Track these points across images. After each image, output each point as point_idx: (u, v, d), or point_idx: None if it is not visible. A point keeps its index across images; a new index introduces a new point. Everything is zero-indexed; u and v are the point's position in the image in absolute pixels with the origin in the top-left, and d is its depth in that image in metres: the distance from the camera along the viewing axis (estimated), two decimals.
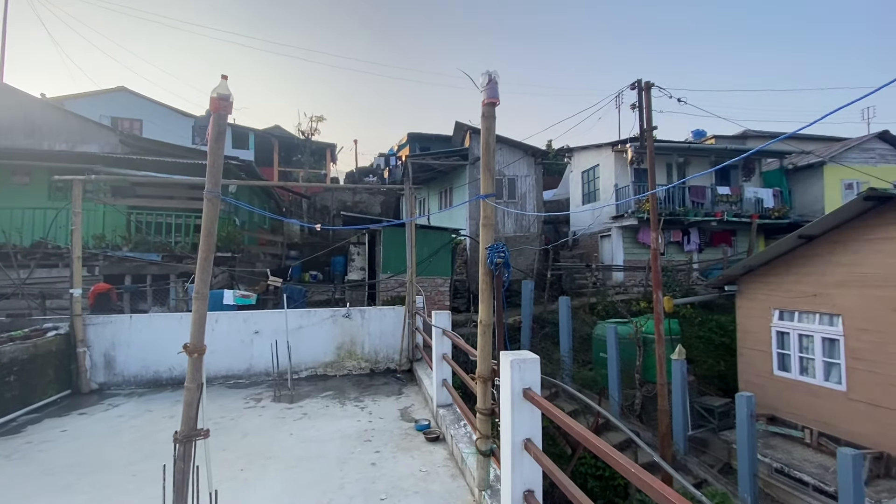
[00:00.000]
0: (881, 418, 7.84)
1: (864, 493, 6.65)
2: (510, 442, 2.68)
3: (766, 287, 10.05)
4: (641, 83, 8.12)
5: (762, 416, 9.64)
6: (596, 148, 19.01)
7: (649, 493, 1.55)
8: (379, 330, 8.12)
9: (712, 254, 17.49)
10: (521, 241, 17.16)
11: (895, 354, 7.68)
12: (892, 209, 7.80)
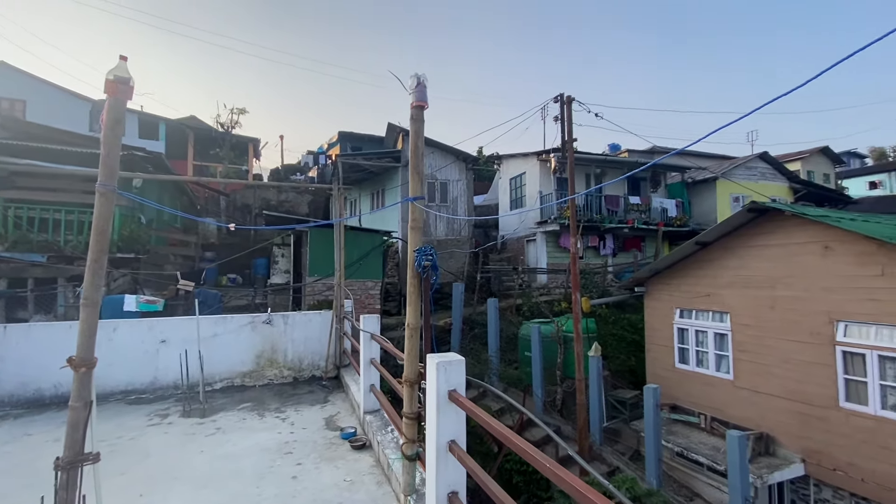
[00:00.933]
0: (761, 403, 9.01)
1: (749, 470, 7.60)
2: (435, 444, 2.68)
3: (669, 288, 11.13)
4: (563, 97, 8.66)
5: (666, 406, 10.64)
6: (523, 156, 19.86)
7: (560, 485, 1.62)
8: (304, 336, 7.77)
9: (625, 258, 19.02)
10: (452, 244, 17.41)
11: (772, 347, 8.87)
12: (769, 220, 9.02)
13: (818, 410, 8.01)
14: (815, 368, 8.07)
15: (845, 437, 7.62)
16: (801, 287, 8.33)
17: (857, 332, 7.58)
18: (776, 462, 8.41)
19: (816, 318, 8.08)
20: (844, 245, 7.76)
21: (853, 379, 7.61)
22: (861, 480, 7.42)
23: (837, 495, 7.91)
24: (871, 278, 7.35)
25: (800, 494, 8.53)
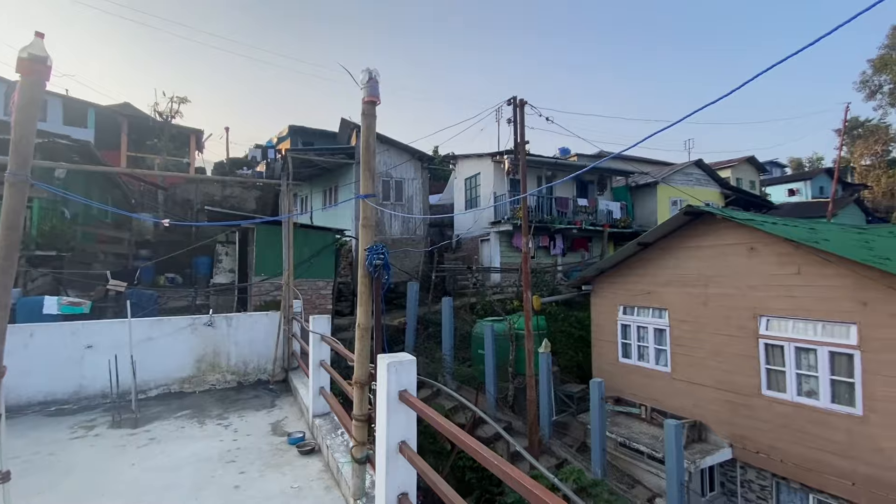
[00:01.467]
0: (695, 393, 9.67)
1: (684, 456, 8.12)
2: (385, 446, 2.64)
3: (613, 286, 11.68)
4: (516, 100, 8.87)
5: (610, 398, 11.16)
6: (478, 157, 20.11)
7: (506, 481, 1.64)
8: (249, 338, 7.42)
9: (573, 257, 19.76)
10: (407, 243, 17.31)
11: (705, 340, 9.54)
12: (702, 223, 9.68)
13: (744, 398, 8.71)
14: (742, 360, 8.77)
15: (767, 422, 8.35)
16: (730, 285, 9.02)
17: (776, 326, 8.31)
18: (708, 447, 9.06)
19: (743, 313, 8.79)
20: (767, 246, 8.49)
21: (774, 369, 8.34)
22: (780, 461, 8.15)
23: (760, 476, 8.65)
24: (789, 276, 8.09)
25: (728, 476, 9.24)
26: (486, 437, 10.34)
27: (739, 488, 8.98)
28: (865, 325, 7.08)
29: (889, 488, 6.77)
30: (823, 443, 7.54)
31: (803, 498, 8.04)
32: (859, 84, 26.44)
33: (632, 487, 9.39)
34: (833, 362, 7.51)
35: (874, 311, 6.98)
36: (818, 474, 7.61)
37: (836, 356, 7.47)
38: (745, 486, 8.90)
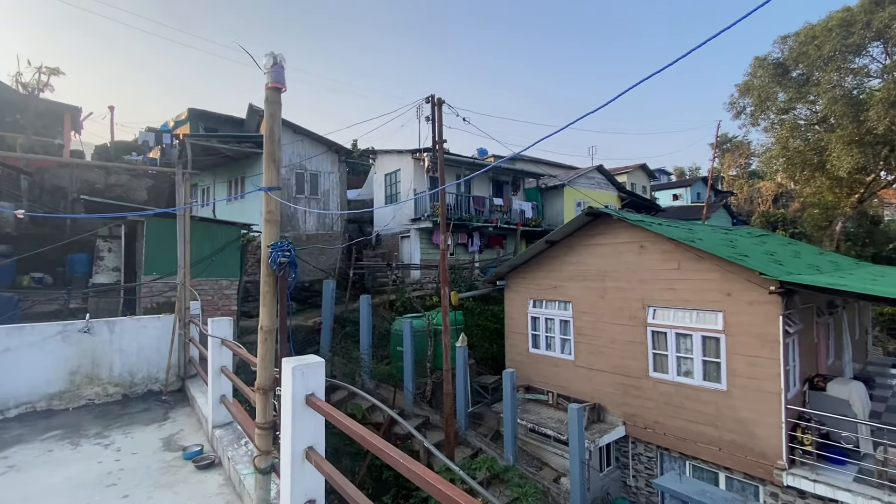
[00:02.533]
0: (594, 378, 10.58)
1: (585, 437, 8.85)
2: (290, 453, 2.52)
3: (524, 281, 12.34)
4: (434, 99, 8.95)
5: (521, 387, 11.80)
6: (398, 153, 19.98)
7: (411, 478, 1.65)
8: (137, 345, 6.62)
9: (490, 254, 20.52)
10: (323, 239, 16.65)
11: (603, 330, 10.47)
12: (601, 223, 10.59)
13: (634, 381, 9.72)
14: (633, 346, 9.78)
15: (653, 400, 9.41)
16: (624, 279, 10.00)
17: (661, 315, 9.39)
18: (605, 427, 9.97)
19: (634, 304, 9.79)
20: (654, 245, 9.54)
21: (659, 353, 9.42)
22: (663, 434, 9.24)
23: (648, 448, 9.73)
24: (671, 271, 9.17)
25: (622, 451, 10.26)
26: (404, 434, 10.36)
27: (631, 461, 10.03)
28: (729, 312, 8.29)
29: (746, 451, 8.02)
30: (696, 415, 8.69)
31: (681, 465, 9.20)
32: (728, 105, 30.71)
33: (540, 469, 10.03)
34: (704, 345, 8.68)
35: (735, 301, 8.19)
36: (693, 443, 8.76)
37: (706, 340, 8.64)
38: (635, 459, 9.96)
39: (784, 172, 30.61)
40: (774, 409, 7.62)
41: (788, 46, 26.88)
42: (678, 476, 7.69)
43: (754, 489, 8.16)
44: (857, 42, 23.89)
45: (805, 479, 7.28)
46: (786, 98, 27.55)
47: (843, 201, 26.79)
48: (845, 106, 24.23)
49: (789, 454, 7.52)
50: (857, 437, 7.69)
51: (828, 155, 25.21)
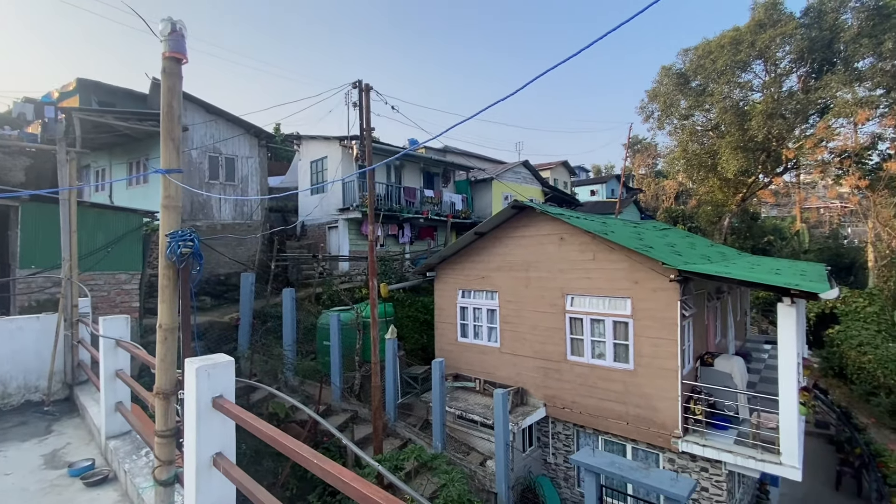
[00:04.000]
0: (518, 363, 11.05)
1: (509, 419, 9.24)
2: (195, 461, 2.31)
3: (454, 272, 12.52)
4: (362, 84, 8.65)
5: (450, 376, 12.00)
6: (324, 139, 19.16)
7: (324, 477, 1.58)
8: (10, 350, 5.71)
9: (420, 245, 20.54)
10: (241, 229, 15.55)
11: (526, 317, 10.95)
12: (526, 216, 11.02)
13: (554, 364, 10.32)
14: (553, 332, 10.35)
15: (570, 382, 10.06)
16: (545, 269, 10.52)
17: (578, 303, 10.03)
18: (528, 409, 10.49)
19: (554, 292, 10.35)
20: (573, 237, 10.13)
21: (576, 338, 10.07)
22: (579, 413, 9.93)
23: (566, 427, 10.40)
24: (587, 262, 9.81)
25: (543, 431, 10.87)
26: None
27: (551, 440, 10.67)
28: (636, 298, 9.06)
29: (649, 423, 8.87)
30: (608, 394, 9.44)
31: (595, 440, 9.97)
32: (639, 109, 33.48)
33: (467, 454, 10.32)
34: (615, 329, 9.42)
35: (641, 288, 8.98)
36: (604, 419, 9.51)
37: (617, 324, 9.39)
38: (555, 438, 10.61)
39: (684, 173, 34.11)
40: (673, 385, 8.52)
41: (689, 59, 29.83)
42: (592, 451, 8.32)
43: (655, 457, 9.08)
44: (743, 59, 27.12)
45: (696, 444, 8.24)
46: (686, 105, 30.61)
47: (730, 200, 30.47)
48: (733, 115, 27.48)
49: (684, 424, 8.46)
50: (737, 405, 8.85)
51: (719, 158, 28.48)
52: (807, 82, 26.74)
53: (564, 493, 10.38)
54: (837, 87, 24.35)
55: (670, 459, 8.83)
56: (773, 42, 25.82)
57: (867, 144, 25.48)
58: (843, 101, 24.31)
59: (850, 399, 18.49)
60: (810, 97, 25.75)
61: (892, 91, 23.38)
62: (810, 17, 25.77)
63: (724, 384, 9.02)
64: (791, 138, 27.12)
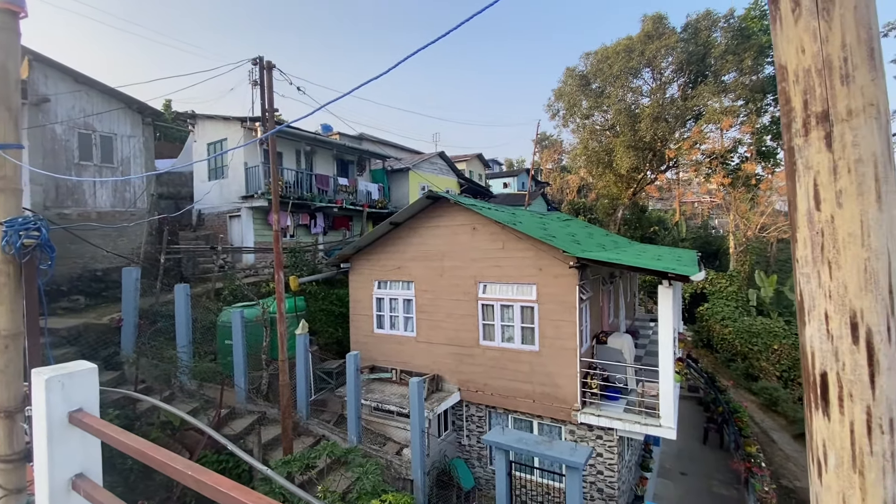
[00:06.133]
0: (433, 351, 11.24)
1: (424, 406, 9.36)
2: (48, 487, 1.98)
3: (369, 263, 12.30)
4: (263, 61, 7.98)
5: (366, 368, 11.84)
6: (224, 120, 17.55)
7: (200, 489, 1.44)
8: None
9: (335, 236, 19.85)
10: (123, 218, 13.70)
11: (441, 306, 11.13)
12: (440, 206, 11.15)
13: (467, 350, 10.66)
14: (467, 319, 10.67)
15: (482, 366, 10.47)
16: (459, 258, 10.78)
17: (490, 290, 10.44)
18: (443, 395, 10.73)
19: (468, 281, 10.66)
20: (484, 227, 10.47)
21: (487, 323, 10.48)
22: (491, 395, 10.39)
23: (479, 409, 10.83)
24: (497, 250, 10.23)
25: (457, 415, 11.21)
26: (234, 434, 9.44)
27: (465, 423, 11.05)
28: (541, 284, 9.67)
29: (553, 399, 9.57)
30: (516, 374, 10.00)
31: (505, 419, 10.53)
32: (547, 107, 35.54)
33: (384, 445, 10.30)
34: (523, 314, 9.98)
35: (545, 274, 9.59)
36: (513, 399, 10.08)
37: (524, 309, 9.94)
38: (468, 420, 11.01)
39: (585, 168, 37.01)
40: (572, 362, 9.27)
41: (590, 62, 32.24)
42: (502, 429, 8.78)
43: (558, 430, 9.85)
44: (635, 66, 29.99)
45: (592, 415, 9.09)
46: (587, 106, 33.13)
47: (623, 194, 33.74)
48: (626, 117, 30.35)
49: (582, 397, 9.27)
50: (626, 378, 9.91)
51: (614, 156, 31.34)
52: (685, 91, 30.39)
53: (478, 472, 10.85)
54: (708, 97, 28.03)
55: (571, 431, 9.64)
56: (658, 53, 28.91)
57: (730, 148, 29.76)
58: (713, 110, 28.06)
59: (715, 365, 21.73)
60: (687, 104, 29.33)
61: (749, 102, 27.50)
62: (688, 32, 29.23)
63: (615, 360, 10.02)
64: (672, 140, 30.71)
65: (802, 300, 1.05)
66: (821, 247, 1.00)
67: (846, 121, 0.96)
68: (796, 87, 1.03)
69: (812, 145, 1.00)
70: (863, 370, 0.94)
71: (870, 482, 0.93)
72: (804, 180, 1.02)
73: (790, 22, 1.02)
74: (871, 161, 0.94)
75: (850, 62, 0.95)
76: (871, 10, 0.95)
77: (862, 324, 0.94)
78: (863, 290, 0.94)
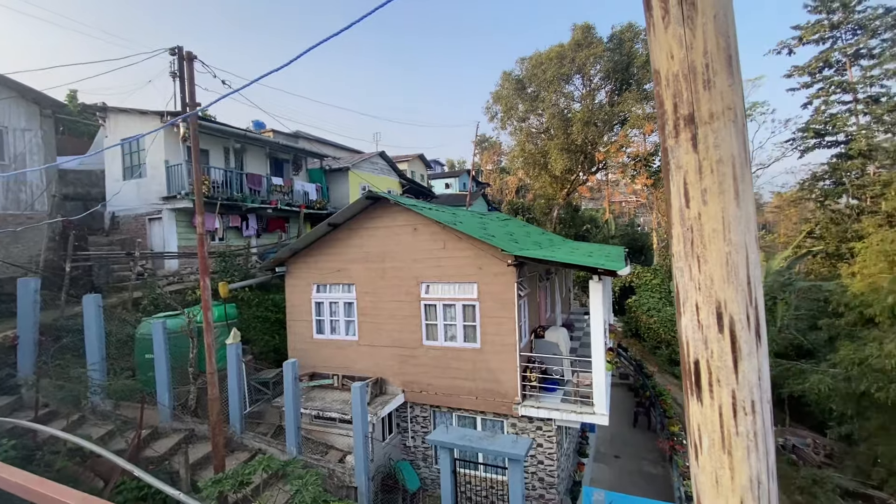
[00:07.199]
0: (376, 354, 11.05)
1: (367, 411, 9.17)
2: None
3: (307, 266, 11.84)
4: (182, 52, 7.35)
5: (305, 375, 11.40)
6: (141, 114, 16.10)
7: None
8: None
9: (270, 238, 18.92)
10: (17, 221, 12.11)
11: (383, 308, 10.98)
12: (380, 207, 10.99)
13: (411, 351, 10.61)
14: (410, 320, 10.61)
15: (426, 366, 10.47)
16: (401, 259, 10.69)
17: (432, 290, 10.45)
18: (387, 398, 10.59)
19: (410, 281, 10.60)
20: (426, 227, 10.47)
21: (430, 323, 10.49)
22: (435, 394, 10.41)
23: (423, 409, 10.81)
24: (438, 251, 10.27)
25: (402, 417, 11.11)
26: (158, 457, 8.68)
27: (410, 424, 10.98)
28: (482, 283, 9.84)
29: (495, 394, 9.77)
30: (459, 372, 10.10)
31: (449, 418, 10.59)
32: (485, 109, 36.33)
33: (325, 454, 9.97)
34: (465, 312, 10.10)
35: (485, 273, 9.78)
36: (457, 397, 10.17)
37: (466, 308, 10.07)
38: (413, 422, 10.95)
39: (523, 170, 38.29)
40: (512, 357, 9.53)
41: (525, 67, 33.39)
42: (446, 428, 8.81)
43: (501, 424, 10.08)
44: (566, 72, 31.48)
45: (532, 407, 9.40)
46: (524, 109, 34.29)
47: (558, 194, 35.31)
48: (560, 121, 31.80)
49: (522, 391, 9.55)
50: (563, 369, 10.36)
51: (549, 158, 32.71)
52: (612, 97, 32.41)
53: (423, 472, 10.82)
54: (632, 104, 30.09)
55: (513, 424, 9.90)
56: (587, 61, 30.59)
57: (652, 151, 32.16)
58: (636, 115, 30.17)
59: (643, 353, 23.37)
60: (614, 110, 31.29)
61: None
62: (614, 42, 31.20)
63: (552, 352, 10.44)
64: (602, 143, 32.64)
65: (678, 293, 1.12)
66: (691, 242, 1.07)
67: (708, 123, 1.04)
68: (667, 90, 1.10)
69: (681, 146, 1.08)
70: (728, 357, 1.02)
71: (737, 461, 1.02)
72: (676, 179, 1.09)
73: (661, 29, 1.09)
74: (730, 161, 1.03)
75: (711, 68, 1.03)
76: (730, 20, 1.04)
77: (726, 313, 1.03)
78: (726, 282, 1.02)
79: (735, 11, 1.06)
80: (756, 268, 1.03)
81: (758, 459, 1.01)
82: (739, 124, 1.04)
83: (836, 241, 28.95)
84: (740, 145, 1.04)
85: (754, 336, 1.02)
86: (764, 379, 1.03)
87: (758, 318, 1.03)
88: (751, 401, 1.02)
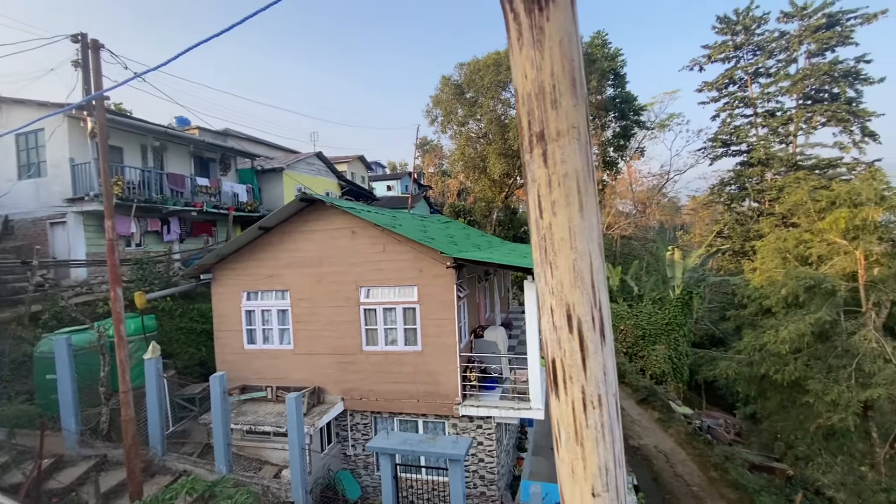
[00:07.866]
0: (314, 362, 10.67)
1: (304, 423, 8.81)
2: None
3: (235, 273, 11.18)
4: (87, 39, 6.61)
5: (235, 389, 10.73)
6: (40, 106, 14.37)
7: None
8: None
9: (194, 243, 17.65)
10: None
11: (320, 314, 10.63)
12: (316, 209, 10.64)
13: (350, 357, 10.37)
14: (349, 325, 10.37)
15: (366, 372, 10.27)
16: (338, 263, 10.42)
17: (372, 294, 10.29)
18: (325, 407, 10.25)
19: (349, 286, 10.36)
20: (364, 230, 10.29)
21: (370, 328, 10.32)
22: (376, 400, 10.24)
23: (363, 416, 10.59)
24: (378, 254, 10.14)
25: (341, 426, 10.81)
26: (63, 488, 7.78)
27: (350, 432, 10.72)
28: (422, 285, 9.84)
29: (436, 396, 9.80)
30: (400, 376, 10.03)
31: (391, 423, 10.47)
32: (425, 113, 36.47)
33: (259, 470, 9.46)
34: (405, 316, 10.04)
35: (425, 275, 9.79)
36: (398, 401, 10.08)
37: (406, 311, 10.02)
38: (353, 430, 10.70)
39: (463, 173, 38.89)
40: (452, 359, 9.62)
41: (464, 72, 33.97)
42: (386, 434, 8.71)
43: (442, 425, 10.13)
44: (503, 79, 32.39)
45: (472, 406, 9.54)
46: (463, 114, 34.85)
47: (497, 197, 36.25)
48: (497, 126, 32.67)
49: (462, 391, 9.67)
50: (501, 368, 10.63)
51: (488, 162, 33.49)
52: None
53: (365, 480, 10.61)
54: None
55: (454, 424, 9.99)
56: None
57: None
58: None
59: None
60: None
61: (596, 118, 31.76)
62: None
63: (491, 351, 10.68)
64: None
65: (538, 296, 1.20)
66: (545, 250, 1.15)
67: (556, 140, 1.12)
68: (523, 108, 1.18)
69: (535, 161, 1.16)
70: (577, 355, 1.11)
71: (588, 451, 1.11)
72: (532, 192, 1.18)
73: (517, 50, 1.17)
74: (574, 176, 1.12)
75: (558, 89, 1.12)
76: (574, 45, 1.13)
77: (574, 315, 1.12)
78: (573, 287, 1.11)
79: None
80: (600, 273, 1.12)
81: (605, 449, 1.10)
82: (583, 141, 1.13)
83: (741, 239, 32.41)
84: (584, 161, 1.13)
85: (599, 336, 1.11)
86: (609, 374, 1.12)
87: (602, 319, 1.12)
88: (598, 395, 1.10)
